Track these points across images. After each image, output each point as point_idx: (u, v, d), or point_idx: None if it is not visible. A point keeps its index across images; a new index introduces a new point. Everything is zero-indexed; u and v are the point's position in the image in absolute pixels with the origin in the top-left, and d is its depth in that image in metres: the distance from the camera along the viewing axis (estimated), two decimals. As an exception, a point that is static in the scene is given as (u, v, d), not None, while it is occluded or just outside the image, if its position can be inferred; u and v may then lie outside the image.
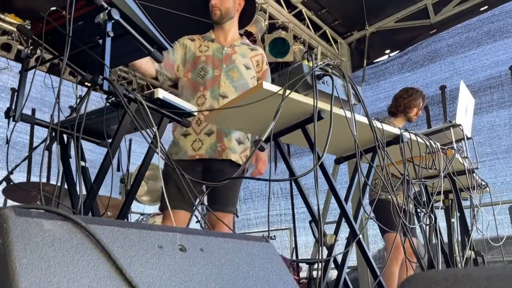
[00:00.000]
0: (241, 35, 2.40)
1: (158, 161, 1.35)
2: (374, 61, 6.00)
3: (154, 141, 1.37)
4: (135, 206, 6.01)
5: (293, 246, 6.12)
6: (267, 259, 0.93)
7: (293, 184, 1.96)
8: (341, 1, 5.43)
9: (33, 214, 0.69)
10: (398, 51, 5.78)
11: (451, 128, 2.55)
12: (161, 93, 1.46)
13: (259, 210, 6.86)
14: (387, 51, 5.92)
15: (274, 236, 5.68)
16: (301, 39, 5.41)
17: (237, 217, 7.10)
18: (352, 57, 6.15)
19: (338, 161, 2.37)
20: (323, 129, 1.66)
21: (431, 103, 5.19)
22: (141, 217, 4.12)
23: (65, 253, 0.67)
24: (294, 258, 5.53)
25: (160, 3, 4.56)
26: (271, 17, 4.93)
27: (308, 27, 5.50)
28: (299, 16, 5.39)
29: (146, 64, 2.07)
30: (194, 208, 1.52)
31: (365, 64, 5.88)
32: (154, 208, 5.00)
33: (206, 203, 2.00)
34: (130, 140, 5.49)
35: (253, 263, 0.89)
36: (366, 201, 2.94)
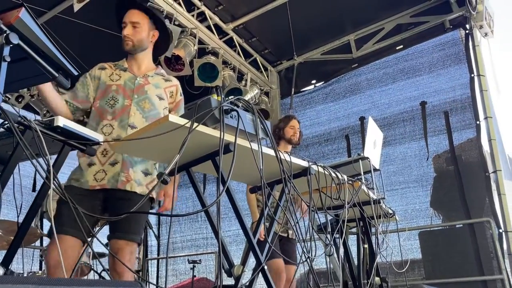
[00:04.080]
0: (156, 65, 2.40)
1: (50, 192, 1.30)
2: (301, 90, 6.26)
3: (49, 173, 1.32)
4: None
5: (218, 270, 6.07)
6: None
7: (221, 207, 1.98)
8: (271, 31, 5.64)
9: None
10: (323, 82, 6.08)
11: (360, 161, 2.72)
12: (61, 121, 1.42)
13: (185, 233, 6.75)
14: (313, 81, 6.21)
15: (200, 260, 5.61)
16: (231, 65, 5.51)
17: (159, 242, 6.85)
18: (281, 85, 6.37)
19: (252, 191, 2.42)
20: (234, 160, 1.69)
21: (351, 133, 5.49)
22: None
23: None
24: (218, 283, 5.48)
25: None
26: (201, 42, 4.98)
27: (238, 53, 5.62)
28: (230, 42, 5.50)
29: (56, 98, 2.04)
30: (91, 238, 1.47)
31: (292, 93, 6.12)
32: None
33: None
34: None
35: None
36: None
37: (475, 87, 4.74)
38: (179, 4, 4.70)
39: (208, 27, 5.12)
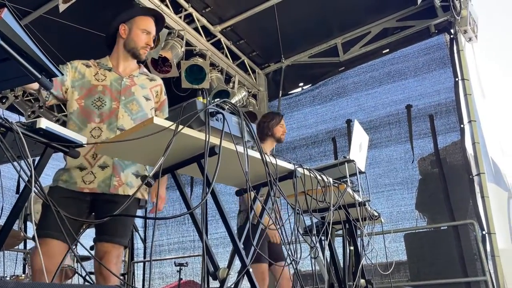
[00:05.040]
0: (138, 64, 2.39)
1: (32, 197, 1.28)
2: (289, 92, 6.28)
3: (31, 177, 1.30)
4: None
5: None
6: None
7: (205, 210, 1.98)
8: (259, 34, 5.66)
9: None
10: (310, 85, 6.10)
11: (346, 163, 2.73)
12: (44, 123, 1.40)
13: (172, 236, 6.71)
14: (301, 84, 6.24)
15: (187, 263, 5.58)
16: (219, 67, 5.50)
17: (144, 244, 6.80)
18: (269, 88, 6.38)
19: (238, 193, 2.42)
20: (219, 163, 1.69)
21: (338, 135, 5.53)
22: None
23: None
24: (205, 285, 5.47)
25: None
26: (189, 44, 4.97)
27: (226, 56, 5.62)
28: (217, 44, 5.49)
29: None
30: (74, 243, 1.46)
31: (280, 95, 6.13)
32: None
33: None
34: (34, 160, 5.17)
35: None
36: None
37: (459, 91, 4.82)
38: (166, 5, 4.68)
39: (196, 29, 5.10)
